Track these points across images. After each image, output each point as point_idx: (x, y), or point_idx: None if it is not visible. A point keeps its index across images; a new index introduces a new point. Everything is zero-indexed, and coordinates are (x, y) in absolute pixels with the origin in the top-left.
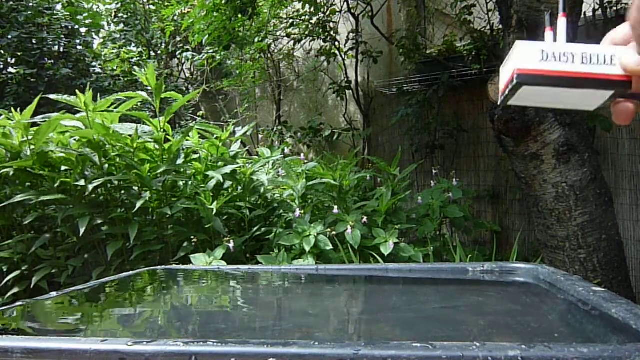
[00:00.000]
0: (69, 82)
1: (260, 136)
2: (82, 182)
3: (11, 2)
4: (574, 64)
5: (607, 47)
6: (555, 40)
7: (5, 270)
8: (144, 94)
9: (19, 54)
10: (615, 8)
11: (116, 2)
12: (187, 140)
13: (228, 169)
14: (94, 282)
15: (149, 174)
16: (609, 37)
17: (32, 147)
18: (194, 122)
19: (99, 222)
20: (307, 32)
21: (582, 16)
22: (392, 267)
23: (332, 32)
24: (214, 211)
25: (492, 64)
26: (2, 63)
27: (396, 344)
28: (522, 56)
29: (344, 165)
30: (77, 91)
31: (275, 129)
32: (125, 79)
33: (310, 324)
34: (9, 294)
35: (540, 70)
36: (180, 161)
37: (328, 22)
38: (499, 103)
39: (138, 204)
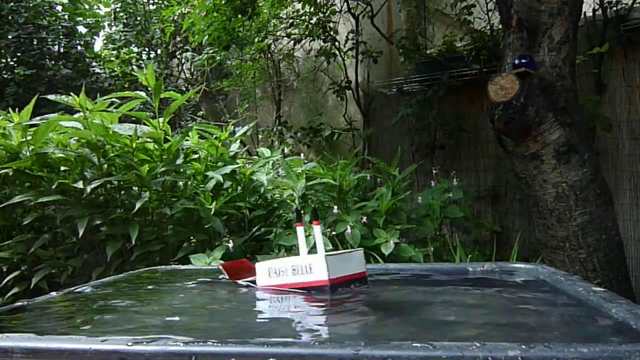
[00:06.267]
0: (68, 83)
1: (260, 136)
2: (80, 184)
3: (11, 4)
4: (287, 276)
5: (307, 258)
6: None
7: (5, 270)
8: (142, 94)
9: (19, 54)
10: (615, 8)
11: (116, 2)
12: (186, 140)
13: (228, 169)
14: (94, 282)
15: (148, 174)
16: None
17: (31, 147)
18: (193, 122)
19: (99, 222)
20: (307, 32)
21: (582, 16)
22: (392, 267)
23: (332, 32)
24: (214, 211)
25: (492, 64)
26: (2, 64)
27: (396, 344)
28: (259, 274)
29: (343, 166)
30: (72, 93)
31: (275, 129)
32: (126, 79)
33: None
34: (9, 294)
35: (269, 285)
36: (179, 161)
37: (328, 22)
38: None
39: (138, 205)
